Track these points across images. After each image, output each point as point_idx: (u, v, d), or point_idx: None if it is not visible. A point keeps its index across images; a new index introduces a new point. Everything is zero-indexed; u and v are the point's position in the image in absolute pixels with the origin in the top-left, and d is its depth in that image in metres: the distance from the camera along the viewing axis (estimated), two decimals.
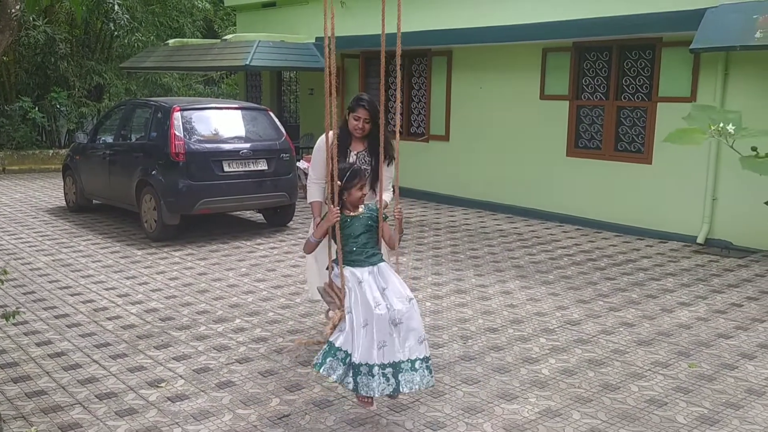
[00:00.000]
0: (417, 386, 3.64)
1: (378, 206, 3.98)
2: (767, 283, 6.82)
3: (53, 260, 7.58)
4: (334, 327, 3.72)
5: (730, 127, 1.61)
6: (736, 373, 4.65)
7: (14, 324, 5.43)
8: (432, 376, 3.71)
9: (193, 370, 4.63)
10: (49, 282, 6.74)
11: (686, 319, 5.73)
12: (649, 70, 8.92)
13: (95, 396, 4.25)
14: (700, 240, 8.44)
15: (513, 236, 8.96)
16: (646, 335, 5.36)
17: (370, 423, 3.92)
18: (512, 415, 4.02)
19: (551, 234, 9.11)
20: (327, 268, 3.99)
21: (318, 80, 13.94)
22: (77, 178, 10.21)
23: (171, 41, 15.31)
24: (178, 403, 4.15)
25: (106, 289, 6.49)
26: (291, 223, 9.52)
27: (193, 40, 16.27)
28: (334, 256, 3.87)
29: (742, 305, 6.13)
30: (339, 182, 3.81)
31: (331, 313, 3.88)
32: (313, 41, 12.80)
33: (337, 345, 3.66)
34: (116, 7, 16.14)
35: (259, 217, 9.98)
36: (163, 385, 4.40)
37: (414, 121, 12.12)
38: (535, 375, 4.59)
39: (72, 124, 16.76)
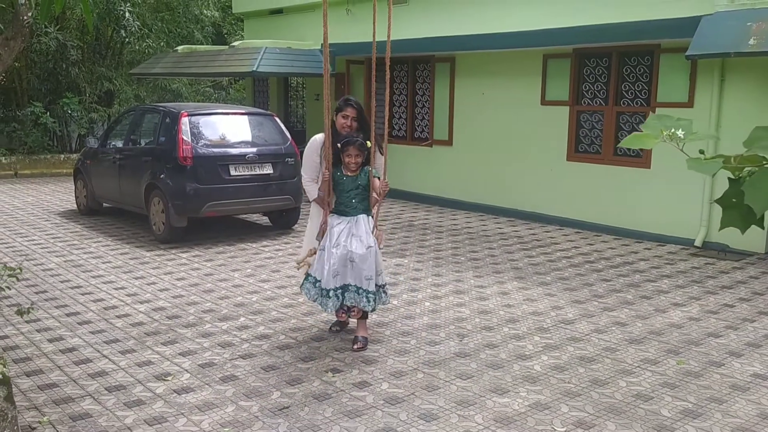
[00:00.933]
0: (357, 304, 4.96)
1: (369, 171, 5.15)
2: (760, 285, 6.96)
3: (64, 261, 7.81)
4: (311, 255, 5.20)
5: (680, 132, 1.79)
6: (723, 370, 4.80)
7: (27, 321, 5.65)
8: (370, 304, 4.96)
9: (199, 365, 4.82)
10: (61, 282, 6.96)
11: (678, 319, 5.88)
12: (648, 76, 9.08)
13: (105, 388, 4.45)
14: (697, 243, 8.58)
15: (513, 239, 9.12)
16: (638, 334, 5.52)
17: (366, 414, 4.09)
18: (503, 408, 4.18)
19: (551, 237, 9.26)
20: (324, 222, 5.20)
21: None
22: (88, 182, 10.44)
23: (180, 48, 15.57)
24: (183, 395, 4.35)
25: (115, 289, 6.71)
26: (296, 225, 9.71)
27: (201, 46, 16.53)
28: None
29: (734, 306, 6.27)
30: (338, 144, 5.01)
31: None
32: (320, 48, 13.01)
33: (310, 273, 5.10)
34: (127, 14, 16.43)
35: (264, 220, 10.18)
36: (169, 378, 4.60)
37: (418, 126, 12.30)
38: (527, 371, 4.75)
39: (83, 129, 17.05)
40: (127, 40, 17.70)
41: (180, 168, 8.45)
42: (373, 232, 5.10)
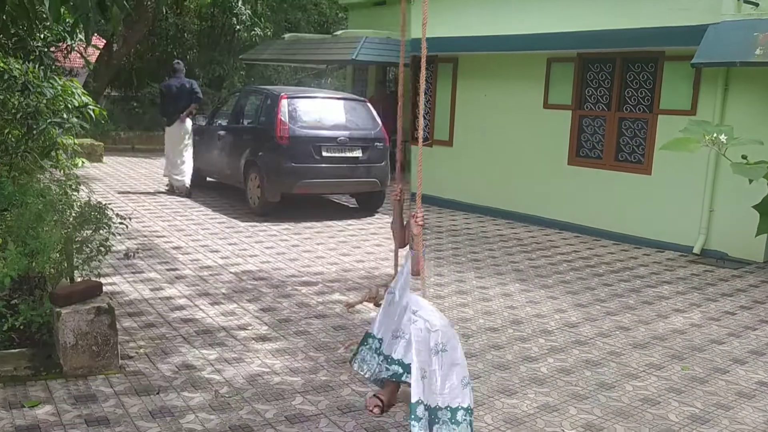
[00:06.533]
0: None
1: None
2: (760, 293, 6.48)
3: (169, 225, 7.91)
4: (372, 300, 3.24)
5: (723, 137, 1.48)
6: (728, 377, 4.48)
7: (133, 272, 5.81)
8: None
9: (277, 320, 4.86)
10: (165, 242, 7.08)
11: (680, 325, 5.50)
12: (651, 82, 8.29)
13: (194, 331, 4.56)
14: (696, 250, 7.92)
15: (513, 241, 8.45)
16: (642, 339, 5.17)
17: None
18: (512, 409, 3.91)
19: (550, 240, 8.57)
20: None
21: None
22: (195, 157, 10.23)
23: (287, 35, 15.14)
24: (261, 342, 4.41)
25: (210, 252, 6.77)
26: (380, 209, 9.40)
27: (306, 35, 16.03)
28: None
29: (735, 313, 5.84)
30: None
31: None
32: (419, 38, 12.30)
33: (372, 332, 2.94)
34: (240, 2, 16.00)
35: (352, 202, 9.91)
36: (250, 328, 4.60)
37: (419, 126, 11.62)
38: (534, 373, 4.44)
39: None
40: (237, 28, 17.40)
41: (277, 147, 8.26)
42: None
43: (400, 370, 2.72)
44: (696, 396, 4.13)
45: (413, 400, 2.59)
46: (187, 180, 9.75)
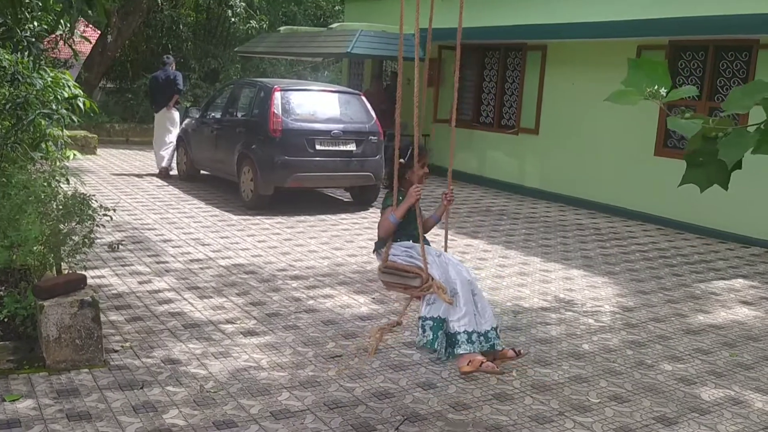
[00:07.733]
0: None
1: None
2: None
3: (161, 218, 8.54)
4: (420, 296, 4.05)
5: (662, 90, 1.91)
6: None
7: (122, 265, 6.33)
8: None
9: (266, 314, 5.28)
10: (155, 235, 7.65)
11: (743, 317, 5.82)
12: (745, 72, 8.79)
13: (181, 325, 4.98)
14: None
15: (590, 230, 9.11)
16: (697, 326, 5.52)
17: (409, 369, 4.39)
18: (542, 378, 4.37)
19: (630, 231, 9.17)
20: (374, 252, 4.22)
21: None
22: (188, 150, 11.23)
23: (282, 28, 16.25)
24: (249, 337, 4.81)
25: (202, 245, 7.31)
26: (375, 203, 10.05)
27: (302, 27, 17.19)
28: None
29: None
30: (402, 160, 4.13)
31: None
32: (412, 32, 13.24)
33: (443, 317, 3.94)
34: None
35: (346, 196, 10.60)
36: (238, 322, 5.08)
37: (505, 114, 12.37)
38: (575, 348, 4.90)
39: (187, 103, 18.17)
40: (233, 20, 18.61)
41: (270, 140, 8.97)
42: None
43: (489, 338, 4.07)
44: (736, 380, 4.44)
45: (476, 328, 4.01)
46: (166, 162, 11.80)
